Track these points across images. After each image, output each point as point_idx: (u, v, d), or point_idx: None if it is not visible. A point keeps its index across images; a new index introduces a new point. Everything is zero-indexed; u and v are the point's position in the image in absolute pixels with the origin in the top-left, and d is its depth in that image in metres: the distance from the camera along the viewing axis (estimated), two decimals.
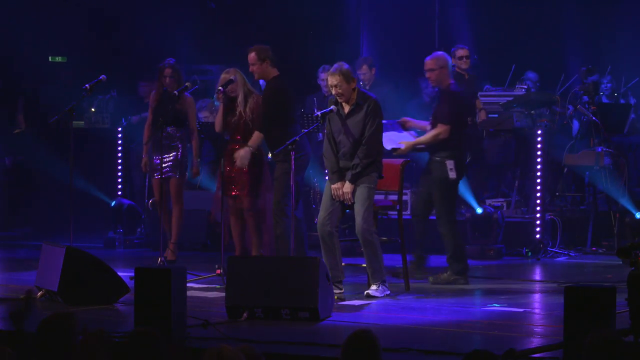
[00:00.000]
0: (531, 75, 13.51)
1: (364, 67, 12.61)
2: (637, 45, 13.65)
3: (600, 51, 13.86)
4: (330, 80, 8.59)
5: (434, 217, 10.12)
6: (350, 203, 8.52)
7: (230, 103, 9.78)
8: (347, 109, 8.61)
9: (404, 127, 9.68)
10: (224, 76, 9.75)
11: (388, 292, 8.53)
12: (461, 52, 12.23)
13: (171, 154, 10.49)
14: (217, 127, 9.85)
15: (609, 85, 12.98)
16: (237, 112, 9.76)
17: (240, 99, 9.73)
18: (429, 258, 10.03)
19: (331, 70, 8.63)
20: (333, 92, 8.61)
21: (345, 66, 8.58)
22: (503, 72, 13.56)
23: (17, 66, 13.78)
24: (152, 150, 10.50)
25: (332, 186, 8.57)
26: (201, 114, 12.02)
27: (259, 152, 9.82)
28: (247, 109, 9.68)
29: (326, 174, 9.08)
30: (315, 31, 14.35)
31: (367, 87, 12.33)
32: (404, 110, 13.31)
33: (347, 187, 8.52)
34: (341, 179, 8.56)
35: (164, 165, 10.41)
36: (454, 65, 12.54)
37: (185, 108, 10.48)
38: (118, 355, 4.25)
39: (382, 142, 8.73)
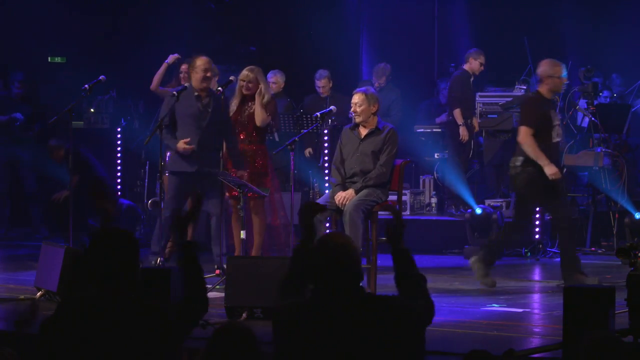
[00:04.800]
0: (537, 78, 13.54)
1: (383, 78, 12.85)
2: (638, 46, 13.66)
3: (600, 51, 13.87)
4: (355, 97, 8.88)
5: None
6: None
7: (241, 102, 9.72)
8: (364, 132, 8.79)
9: None
10: (245, 73, 9.69)
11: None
12: (483, 59, 12.36)
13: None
14: None
15: None
16: (247, 113, 9.71)
17: (257, 101, 9.65)
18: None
19: (358, 89, 8.98)
20: (352, 109, 8.83)
21: (371, 90, 9.00)
22: (502, 72, 13.58)
23: (17, 66, 13.77)
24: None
25: (335, 196, 8.68)
26: None
27: (263, 152, 9.77)
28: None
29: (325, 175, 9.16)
30: (315, 31, 14.35)
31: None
32: (416, 111, 13.36)
33: (350, 192, 8.62)
34: (344, 190, 8.70)
35: None
36: (461, 66, 12.59)
37: None
38: None
39: (391, 171, 8.89)
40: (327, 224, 9.01)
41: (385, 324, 4.05)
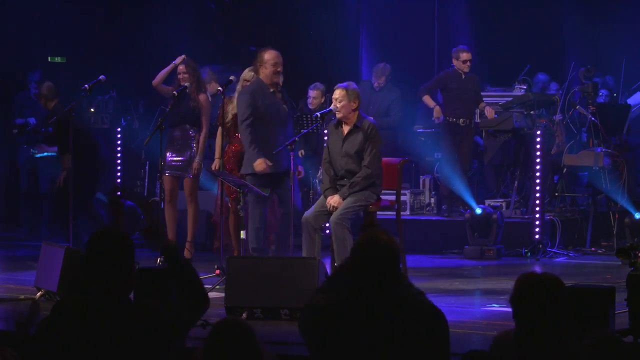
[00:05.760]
0: (542, 77, 13.55)
1: (383, 78, 12.82)
2: (638, 46, 13.66)
3: (600, 51, 13.87)
4: (335, 92, 8.80)
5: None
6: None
7: None
8: (346, 130, 8.75)
9: None
10: (250, 73, 9.62)
11: None
12: (465, 56, 12.25)
13: (185, 154, 10.36)
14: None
15: None
16: None
17: None
18: None
19: (339, 85, 8.85)
20: (333, 104, 8.80)
21: (353, 86, 8.84)
22: (502, 72, 13.58)
23: (17, 66, 13.77)
24: (165, 148, 10.35)
25: (327, 201, 8.69)
26: None
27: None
28: None
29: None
30: (315, 31, 14.36)
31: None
32: (414, 111, 13.36)
33: (335, 199, 8.64)
34: (335, 193, 8.69)
35: (174, 164, 10.32)
36: (452, 65, 12.57)
37: (200, 107, 10.32)
38: None
39: (381, 167, 8.83)
40: (327, 228, 9.01)
41: (416, 326, 4.03)
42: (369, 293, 4.06)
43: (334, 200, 8.64)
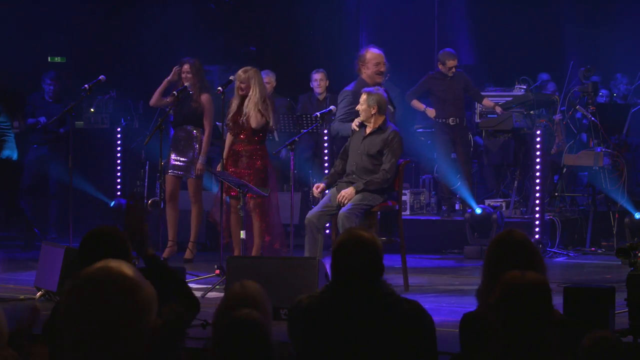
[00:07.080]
0: (544, 76, 13.54)
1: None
2: (638, 46, 13.67)
3: (600, 51, 13.88)
4: (361, 96, 8.92)
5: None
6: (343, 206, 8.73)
7: (241, 102, 9.66)
8: (368, 131, 8.90)
9: None
10: (238, 74, 9.61)
11: None
12: (451, 63, 12.15)
13: (188, 154, 10.35)
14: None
15: None
16: (246, 113, 9.65)
17: (249, 103, 9.58)
18: None
19: (365, 89, 9.00)
20: (357, 107, 8.91)
21: (379, 91, 8.95)
22: (502, 72, 13.58)
23: (17, 66, 13.77)
24: (169, 148, 10.34)
25: (339, 193, 8.72)
26: None
27: (263, 152, 9.75)
28: None
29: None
30: (315, 31, 14.37)
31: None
32: (413, 111, 13.36)
33: (349, 191, 8.68)
34: (328, 187, 8.86)
35: (177, 164, 10.31)
36: (437, 68, 12.48)
37: (202, 107, 10.31)
38: None
39: (396, 176, 8.95)
40: (328, 228, 9.01)
41: (399, 323, 4.01)
42: (352, 292, 4.02)
43: (347, 191, 8.72)
